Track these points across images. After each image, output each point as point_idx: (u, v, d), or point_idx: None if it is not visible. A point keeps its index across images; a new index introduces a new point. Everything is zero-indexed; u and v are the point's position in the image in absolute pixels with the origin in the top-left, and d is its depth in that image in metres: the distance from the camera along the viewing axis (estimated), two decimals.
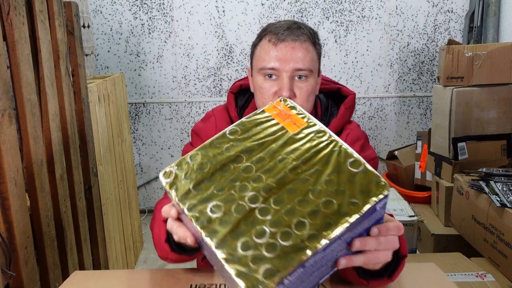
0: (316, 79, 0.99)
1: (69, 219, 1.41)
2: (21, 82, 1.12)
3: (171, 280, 0.91)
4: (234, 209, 0.58)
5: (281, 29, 0.95)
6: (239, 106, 1.10)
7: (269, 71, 0.94)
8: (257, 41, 1.00)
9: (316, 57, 0.98)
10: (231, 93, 1.11)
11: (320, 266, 0.57)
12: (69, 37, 1.49)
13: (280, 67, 0.93)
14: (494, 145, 2.22)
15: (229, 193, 0.60)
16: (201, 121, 1.13)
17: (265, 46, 0.96)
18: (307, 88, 0.95)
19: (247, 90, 1.12)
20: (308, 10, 2.96)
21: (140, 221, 2.78)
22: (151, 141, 3.16)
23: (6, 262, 1.02)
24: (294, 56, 0.93)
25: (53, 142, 1.30)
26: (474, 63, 2.15)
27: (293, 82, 0.94)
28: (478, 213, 1.86)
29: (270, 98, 0.95)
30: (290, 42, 0.93)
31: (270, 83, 0.95)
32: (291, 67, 0.93)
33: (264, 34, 0.98)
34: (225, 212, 0.58)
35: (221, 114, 1.10)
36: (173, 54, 3.02)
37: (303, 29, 0.96)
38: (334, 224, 0.55)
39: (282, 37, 0.93)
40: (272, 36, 0.95)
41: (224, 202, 0.59)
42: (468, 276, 1.68)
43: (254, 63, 1.00)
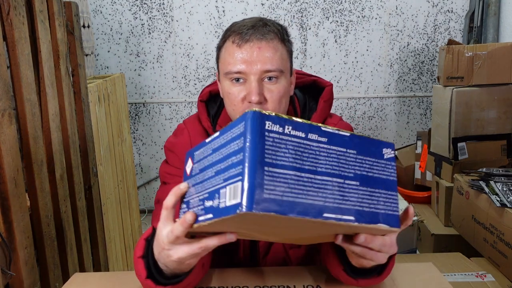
0: (288, 79, 0.90)
1: (69, 219, 1.41)
2: (21, 82, 1.12)
3: None
4: None
5: (245, 28, 0.86)
6: (211, 115, 1.01)
7: (236, 75, 0.86)
8: (221, 43, 0.91)
9: (286, 56, 0.90)
10: (201, 102, 1.02)
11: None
12: (69, 37, 1.49)
13: (246, 70, 0.85)
14: (494, 145, 2.22)
15: None
16: (173, 136, 1.04)
17: (229, 48, 0.87)
18: (279, 90, 0.87)
19: (218, 96, 1.02)
20: (308, 10, 2.96)
21: (140, 221, 2.78)
22: (151, 141, 3.16)
23: (6, 262, 1.02)
24: (261, 57, 0.84)
25: (53, 142, 1.30)
26: (474, 63, 2.15)
27: (263, 85, 0.86)
28: (478, 213, 1.86)
29: (239, 104, 0.88)
30: (255, 42, 0.85)
31: (237, 87, 0.87)
32: (258, 69, 0.84)
33: (228, 35, 0.89)
34: None
35: (193, 125, 1.02)
36: (173, 54, 3.01)
37: (270, 26, 0.88)
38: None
39: (246, 37, 0.85)
40: (235, 36, 0.86)
41: None
42: (468, 276, 1.68)
43: (220, 67, 0.92)
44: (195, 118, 1.04)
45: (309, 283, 0.89)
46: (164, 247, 0.66)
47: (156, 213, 0.98)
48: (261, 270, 0.96)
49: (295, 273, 0.93)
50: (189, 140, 1.00)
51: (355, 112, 3.11)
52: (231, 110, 0.91)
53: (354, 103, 3.10)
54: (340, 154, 0.57)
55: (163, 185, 1.02)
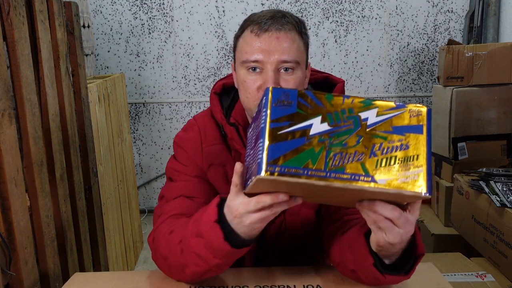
0: (304, 71, 0.91)
1: (69, 219, 1.41)
2: (21, 82, 1.12)
3: (171, 281, 0.91)
4: None
5: (264, 18, 0.87)
6: (224, 108, 1.01)
7: (253, 64, 0.87)
8: (240, 33, 0.92)
9: (303, 48, 0.90)
10: (214, 94, 1.02)
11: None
12: (69, 37, 1.49)
13: (264, 59, 0.86)
14: (494, 145, 2.22)
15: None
16: (183, 131, 1.04)
17: (248, 38, 0.88)
18: (294, 81, 0.87)
19: (231, 89, 1.02)
20: (308, 10, 2.96)
21: (140, 221, 2.78)
22: (151, 141, 3.16)
23: (6, 262, 1.02)
24: (278, 47, 0.85)
25: (53, 142, 1.30)
26: (474, 63, 2.15)
27: (279, 75, 0.87)
28: (478, 213, 1.86)
29: (254, 93, 0.88)
30: (274, 32, 0.86)
31: (253, 76, 0.88)
32: (276, 58, 0.85)
33: (246, 25, 0.90)
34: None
35: (204, 121, 1.02)
36: (173, 54, 3.02)
37: (288, 18, 0.89)
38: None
39: (265, 27, 0.86)
40: (254, 26, 0.87)
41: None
42: (468, 276, 1.68)
43: (236, 56, 0.93)
44: (206, 114, 1.04)
45: (310, 283, 0.89)
46: (237, 215, 0.71)
47: (160, 208, 0.97)
48: (262, 270, 0.96)
49: (296, 273, 0.93)
50: (199, 136, 1.00)
51: None
52: (245, 99, 0.91)
53: None
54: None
55: (169, 182, 1.02)
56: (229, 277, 0.92)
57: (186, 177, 0.99)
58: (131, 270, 2.41)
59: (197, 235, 0.78)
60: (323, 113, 0.60)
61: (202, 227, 0.77)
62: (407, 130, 0.61)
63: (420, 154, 0.61)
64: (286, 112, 0.60)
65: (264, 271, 0.95)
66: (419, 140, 0.61)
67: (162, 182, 3.23)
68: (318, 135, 0.60)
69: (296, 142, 0.59)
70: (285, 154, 0.59)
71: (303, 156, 0.59)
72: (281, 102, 0.60)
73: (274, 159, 0.58)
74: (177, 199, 0.96)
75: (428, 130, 0.62)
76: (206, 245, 0.77)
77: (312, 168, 0.59)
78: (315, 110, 0.60)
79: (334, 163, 0.59)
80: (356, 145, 0.60)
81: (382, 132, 0.61)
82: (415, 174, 0.60)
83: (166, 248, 0.87)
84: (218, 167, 0.99)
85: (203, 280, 0.90)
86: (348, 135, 0.60)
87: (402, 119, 0.61)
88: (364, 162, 0.60)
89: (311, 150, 0.59)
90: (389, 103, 0.62)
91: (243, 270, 0.96)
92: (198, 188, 0.97)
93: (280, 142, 0.59)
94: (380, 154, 0.60)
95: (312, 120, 0.60)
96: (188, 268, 0.83)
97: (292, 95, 0.60)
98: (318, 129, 0.60)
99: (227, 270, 0.93)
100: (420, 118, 0.61)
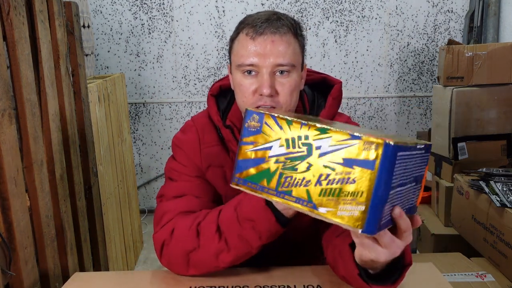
0: (299, 74, 0.92)
1: (69, 219, 1.41)
2: (21, 82, 1.12)
3: (171, 281, 0.91)
4: None
5: (259, 21, 0.87)
6: (221, 110, 1.02)
7: (248, 67, 0.87)
8: (235, 35, 0.93)
9: (299, 50, 0.91)
10: (211, 96, 1.02)
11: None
12: (69, 37, 1.49)
13: (259, 63, 0.86)
14: (494, 145, 2.22)
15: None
16: (181, 132, 1.05)
17: (243, 41, 0.89)
18: (290, 84, 0.88)
19: (228, 91, 1.03)
20: (308, 10, 2.96)
21: (140, 221, 2.78)
22: (151, 141, 3.16)
23: (6, 262, 1.02)
24: (274, 50, 0.85)
25: (53, 142, 1.30)
26: (474, 63, 2.15)
27: (274, 78, 0.87)
28: (478, 213, 1.86)
29: (250, 96, 0.88)
30: (269, 35, 0.86)
31: (249, 80, 0.88)
32: (271, 62, 0.86)
33: (241, 28, 0.90)
34: None
35: (202, 122, 1.02)
36: (173, 54, 3.02)
37: (284, 20, 0.89)
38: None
39: (260, 30, 0.86)
40: (249, 29, 0.87)
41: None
42: (468, 276, 1.68)
43: (232, 59, 0.93)
44: (203, 115, 1.04)
45: (310, 283, 0.89)
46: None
47: (163, 207, 0.97)
48: (261, 270, 0.96)
49: (296, 273, 0.93)
50: (197, 137, 1.00)
51: (355, 112, 3.11)
52: (241, 102, 0.92)
53: (354, 103, 3.10)
54: (414, 163, 0.65)
55: (169, 181, 1.02)
56: (229, 277, 0.92)
57: (186, 177, 0.99)
58: (131, 270, 2.41)
59: (245, 219, 0.83)
60: (282, 138, 0.64)
61: (250, 211, 0.82)
62: (357, 164, 0.58)
63: (365, 192, 0.57)
64: (253, 133, 0.66)
65: (264, 271, 0.95)
66: (366, 175, 0.57)
67: (162, 182, 3.22)
68: (275, 157, 0.64)
69: (257, 160, 0.66)
70: (248, 170, 0.66)
71: (261, 174, 0.65)
72: (251, 123, 0.66)
73: (240, 172, 0.67)
74: (183, 198, 0.96)
75: (382, 166, 0.56)
76: (254, 228, 0.82)
77: (266, 186, 0.65)
78: (276, 133, 0.64)
79: (285, 184, 0.63)
80: (305, 171, 0.61)
81: (331, 163, 0.60)
82: (355, 210, 0.58)
83: (195, 239, 0.88)
84: (217, 168, 0.99)
85: (203, 280, 0.90)
86: (300, 161, 0.62)
87: (354, 151, 0.58)
88: (309, 189, 0.61)
89: (267, 170, 0.65)
90: (343, 134, 0.59)
91: (243, 270, 0.96)
92: (200, 188, 0.98)
93: (246, 159, 0.66)
94: (325, 184, 0.60)
95: (272, 143, 0.64)
96: (226, 253, 0.86)
97: (260, 118, 0.66)
98: (276, 151, 0.64)
99: (227, 270, 0.93)
100: (375, 152, 0.57)
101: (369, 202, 0.58)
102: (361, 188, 0.58)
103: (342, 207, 0.59)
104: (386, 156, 0.56)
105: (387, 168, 0.57)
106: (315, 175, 0.61)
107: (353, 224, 0.58)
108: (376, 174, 0.57)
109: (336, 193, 0.59)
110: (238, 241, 0.85)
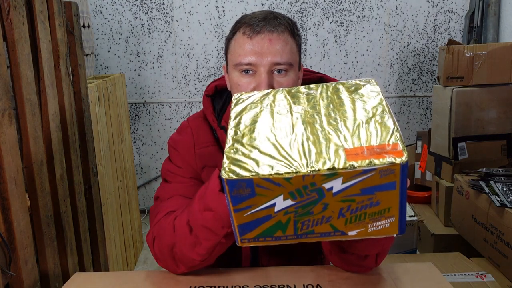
0: (297, 72, 0.92)
1: (69, 219, 1.41)
2: (21, 82, 1.12)
3: (171, 281, 0.91)
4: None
5: (256, 20, 0.87)
6: (216, 110, 1.01)
7: (246, 66, 0.87)
8: (231, 35, 0.92)
9: (295, 49, 0.90)
10: (207, 96, 1.02)
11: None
12: (69, 37, 1.49)
13: (257, 62, 0.86)
14: (494, 145, 2.22)
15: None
16: (177, 133, 1.05)
17: (240, 40, 0.88)
18: (288, 83, 0.88)
19: (224, 91, 1.03)
20: (308, 10, 2.96)
21: (140, 221, 2.78)
22: (151, 141, 3.16)
23: (6, 262, 1.02)
24: (271, 49, 0.85)
25: (53, 142, 1.30)
26: (474, 63, 2.15)
27: (272, 77, 0.87)
28: (478, 213, 1.86)
29: None
30: (266, 34, 0.86)
31: (247, 79, 0.88)
32: (268, 61, 0.86)
33: (238, 27, 0.90)
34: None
35: (197, 122, 1.03)
36: (173, 54, 3.02)
37: (280, 19, 0.89)
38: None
39: (257, 29, 0.86)
40: (246, 28, 0.87)
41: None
42: (468, 276, 1.68)
43: (229, 58, 0.92)
44: (199, 115, 1.04)
45: (309, 282, 0.89)
46: None
47: (156, 207, 0.97)
48: (261, 269, 0.96)
49: (295, 273, 0.93)
50: (192, 139, 1.00)
51: None
52: None
53: None
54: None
55: (164, 183, 1.02)
56: (229, 277, 0.92)
57: (180, 179, 0.99)
58: (131, 270, 2.41)
59: (205, 209, 0.80)
60: (285, 192, 0.58)
61: (209, 200, 0.79)
62: (378, 189, 0.57)
63: (392, 206, 0.58)
64: (246, 198, 0.59)
65: (264, 271, 0.95)
66: (390, 195, 0.57)
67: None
68: (283, 210, 0.59)
69: (262, 219, 0.60)
70: (254, 230, 0.61)
71: (272, 228, 0.61)
72: (238, 192, 0.58)
73: (245, 235, 0.62)
74: (174, 198, 0.96)
75: (402, 180, 0.56)
76: (215, 216, 0.78)
77: (283, 235, 0.61)
78: (275, 191, 0.58)
79: (303, 227, 0.60)
80: (322, 211, 0.59)
81: (349, 196, 0.57)
82: (386, 223, 0.59)
83: (172, 235, 0.87)
84: (212, 169, 0.98)
85: (202, 280, 0.90)
86: (313, 205, 0.58)
87: (372, 181, 0.56)
88: (333, 223, 0.60)
89: (278, 223, 0.60)
90: (355, 170, 0.56)
91: (242, 270, 0.96)
92: (193, 189, 0.96)
93: (248, 222, 0.60)
94: (348, 214, 0.59)
95: (275, 200, 0.58)
96: (198, 246, 0.83)
97: (248, 184, 0.58)
98: (282, 205, 0.59)
99: (226, 270, 0.93)
100: (392, 176, 0.56)
101: (398, 212, 0.59)
102: (387, 206, 0.58)
103: (372, 224, 0.59)
104: (404, 174, 0.56)
105: (404, 180, 0.57)
106: (335, 211, 0.59)
107: (388, 233, 0.60)
108: (399, 190, 0.57)
109: (362, 218, 0.59)
110: (204, 231, 0.81)
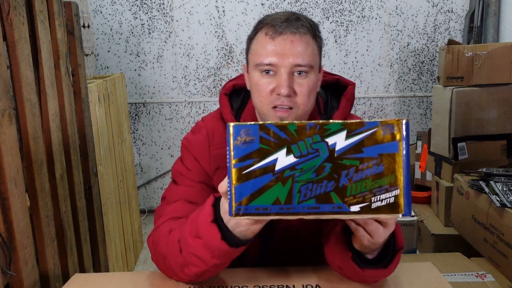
0: (317, 75, 0.91)
1: (69, 219, 1.41)
2: (21, 82, 1.12)
3: (171, 282, 0.91)
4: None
5: (279, 21, 0.86)
6: (234, 109, 1.00)
7: (267, 67, 0.87)
8: (253, 35, 0.92)
9: (317, 51, 0.90)
10: (224, 95, 1.00)
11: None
12: (69, 37, 1.49)
13: (278, 63, 0.86)
14: (494, 145, 2.22)
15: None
16: (191, 133, 1.03)
17: (262, 40, 0.88)
18: (308, 85, 0.87)
19: (242, 90, 1.02)
20: (308, 10, 2.96)
21: (140, 221, 2.78)
22: (151, 141, 3.16)
23: (6, 262, 1.02)
24: (293, 50, 0.85)
25: (53, 142, 1.30)
26: (474, 63, 2.15)
27: (293, 79, 0.87)
28: (478, 213, 1.86)
29: (267, 96, 0.88)
30: (289, 35, 0.85)
31: (267, 79, 0.88)
32: (290, 62, 0.85)
33: (260, 27, 0.90)
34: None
35: (212, 122, 1.01)
36: (173, 54, 3.01)
37: (303, 21, 0.88)
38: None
39: (280, 30, 0.85)
40: (269, 28, 0.87)
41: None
42: (468, 276, 1.68)
43: (250, 58, 0.92)
44: (215, 115, 1.03)
45: (309, 282, 0.89)
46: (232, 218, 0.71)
47: (161, 209, 0.97)
48: (261, 270, 0.96)
49: (295, 273, 0.93)
50: (207, 139, 0.99)
51: (355, 112, 3.11)
52: (258, 102, 0.91)
53: (354, 103, 3.10)
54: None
55: (173, 184, 1.01)
56: (228, 277, 0.92)
57: (189, 182, 0.98)
58: (131, 270, 2.41)
59: (195, 235, 0.78)
60: (288, 145, 0.57)
61: (200, 227, 0.77)
62: (380, 150, 0.56)
63: (396, 174, 0.56)
64: (249, 150, 0.58)
65: (263, 271, 0.95)
66: (394, 159, 0.56)
67: (162, 182, 3.23)
68: (284, 169, 0.57)
69: (262, 179, 0.58)
70: (252, 194, 0.58)
71: (270, 193, 0.58)
72: (243, 139, 0.57)
73: (241, 200, 0.58)
74: (178, 202, 0.95)
75: (405, 145, 0.56)
76: (205, 246, 0.77)
77: (281, 204, 0.57)
78: (279, 142, 0.57)
79: (304, 195, 0.57)
80: (324, 174, 0.57)
81: (352, 157, 0.56)
82: (391, 197, 0.56)
83: (165, 247, 0.87)
84: (226, 170, 0.98)
85: (202, 283, 0.90)
86: (315, 165, 0.57)
87: (375, 138, 0.55)
88: (335, 191, 0.57)
89: (278, 186, 0.57)
90: (358, 122, 0.56)
91: (242, 270, 0.96)
92: (200, 194, 0.96)
93: (246, 182, 0.58)
94: (351, 181, 0.57)
95: (277, 154, 0.57)
96: (187, 268, 0.83)
97: (253, 131, 0.57)
98: (283, 163, 0.57)
99: (226, 270, 0.93)
100: (395, 134, 0.55)
101: (402, 183, 0.56)
102: (391, 173, 0.56)
103: (376, 198, 0.57)
104: (407, 134, 0.55)
105: (407, 146, 0.56)
106: (338, 174, 0.56)
107: (393, 211, 0.57)
108: (402, 154, 0.56)
109: (366, 186, 0.57)
110: (193, 258, 0.80)
